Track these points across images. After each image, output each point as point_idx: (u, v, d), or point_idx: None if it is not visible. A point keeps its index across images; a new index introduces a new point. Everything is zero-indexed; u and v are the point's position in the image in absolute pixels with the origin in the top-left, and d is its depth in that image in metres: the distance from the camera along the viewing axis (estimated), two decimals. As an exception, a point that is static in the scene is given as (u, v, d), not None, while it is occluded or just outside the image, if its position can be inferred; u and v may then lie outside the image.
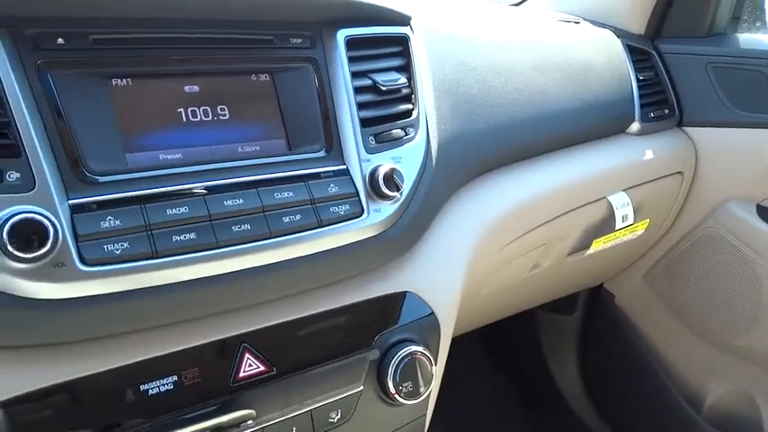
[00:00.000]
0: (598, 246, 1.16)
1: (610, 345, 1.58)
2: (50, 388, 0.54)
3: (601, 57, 1.13)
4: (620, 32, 1.23)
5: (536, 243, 1.04)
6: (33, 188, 0.51)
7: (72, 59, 0.56)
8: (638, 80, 1.16)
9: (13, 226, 0.49)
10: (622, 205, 1.12)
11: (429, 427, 0.81)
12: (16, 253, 0.49)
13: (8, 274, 0.49)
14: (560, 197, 1.01)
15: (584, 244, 1.15)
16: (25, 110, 0.52)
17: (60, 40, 0.56)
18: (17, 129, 0.52)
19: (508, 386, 1.79)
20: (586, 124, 1.05)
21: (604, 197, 1.09)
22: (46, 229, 0.50)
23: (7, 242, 0.48)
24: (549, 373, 1.69)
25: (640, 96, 1.16)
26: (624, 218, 1.13)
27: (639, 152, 1.15)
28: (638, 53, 1.21)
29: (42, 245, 0.49)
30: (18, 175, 0.51)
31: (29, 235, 0.49)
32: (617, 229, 1.14)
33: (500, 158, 0.91)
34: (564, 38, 1.13)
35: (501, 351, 1.81)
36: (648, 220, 1.23)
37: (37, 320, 0.52)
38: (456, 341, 0.84)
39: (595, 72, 1.09)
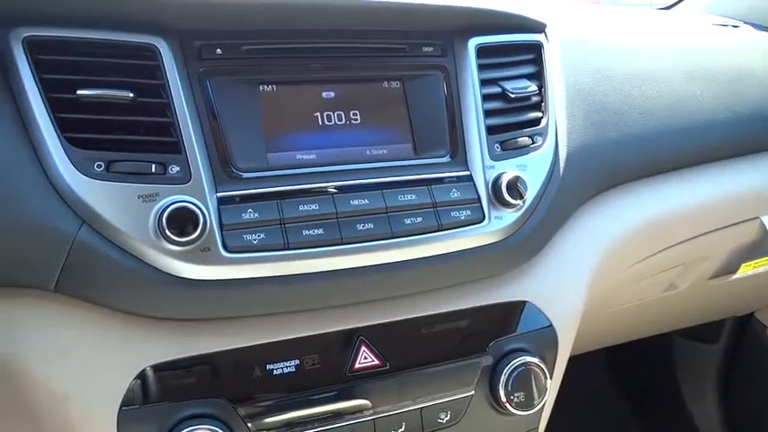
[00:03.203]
0: (747, 270, 1.06)
1: (759, 381, 1.43)
2: (191, 358, 0.61)
3: (761, 63, 1.03)
4: (786, 36, 1.11)
5: (673, 262, 0.97)
6: (189, 181, 0.59)
7: (228, 67, 0.63)
8: (806, 89, 1.04)
9: (171, 213, 0.56)
10: (779, 227, 1.01)
11: None
12: (172, 237, 0.56)
13: (164, 255, 0.57)
14: (702, 215, 0.93)
15: (731, 267, 1.05)
16: (187, 112, 0.60)
17: (219, 51, 0.63)
18: (179, 129, 0.60)
19: (634, 417, 1.67)
20: (739, 137, 0.96)
21: (757, 218, 1.00)
22: (197, 217, 0.56)
23: (166, 227, 0.56)
24: (684, 407, 1.56)
25: (808, 108, 1.04)
26: (781, 241, 1.02)
27: (804, 170, 1.03)
28: (807, 59, 1.08)
29: (194, 231, 0.56)
30: (178, 168, 0.59)
31: (183, 221, 0.56)
32: (771, 253, 1.03)
33: (635, 170, 0.86)
34: (717, 43, 1.04)
35: (628, 377, 1.69)
36: (812, 247, 1.10)
37: (184, 297, 0.59)
38: (577, 360, 0.81)
39: (754, 80, 1.00)
